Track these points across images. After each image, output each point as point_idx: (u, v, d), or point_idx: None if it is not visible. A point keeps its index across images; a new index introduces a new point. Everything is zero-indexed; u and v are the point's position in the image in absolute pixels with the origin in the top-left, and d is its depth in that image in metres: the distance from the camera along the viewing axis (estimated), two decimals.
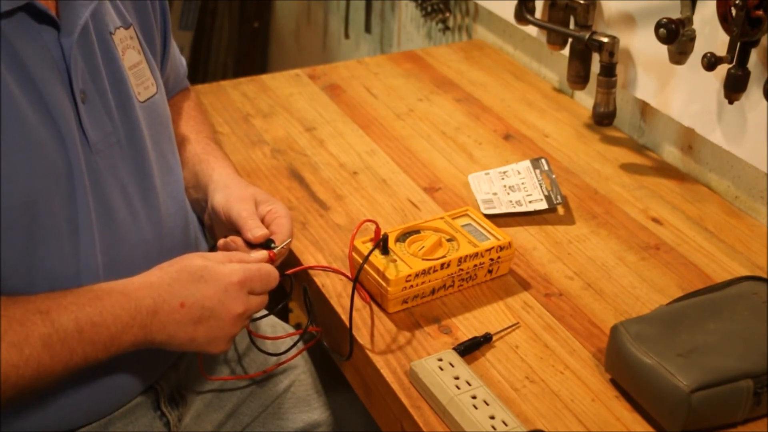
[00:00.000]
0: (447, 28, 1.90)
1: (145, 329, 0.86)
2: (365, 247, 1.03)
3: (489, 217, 1.16)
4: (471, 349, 0.96)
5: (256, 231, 0.98)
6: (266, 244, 0.98)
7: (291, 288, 1.03)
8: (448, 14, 1.89)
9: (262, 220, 1.01)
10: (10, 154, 0.81)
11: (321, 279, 1.07)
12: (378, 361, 0.95)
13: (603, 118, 1.36)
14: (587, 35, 1.33)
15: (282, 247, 0.98)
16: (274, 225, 1.00)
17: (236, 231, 1.00)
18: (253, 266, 0.92)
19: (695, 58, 1.17)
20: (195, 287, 0.88)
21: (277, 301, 1.03)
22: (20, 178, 0.82)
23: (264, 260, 0.96)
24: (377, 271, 1.01)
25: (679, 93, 1.28)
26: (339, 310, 1.02)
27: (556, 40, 1.45)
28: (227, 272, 0.90)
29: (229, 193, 1.03)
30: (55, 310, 0.82)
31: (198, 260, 0.91)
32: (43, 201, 0.85)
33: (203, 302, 0.88)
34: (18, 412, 0.89)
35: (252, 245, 0.98)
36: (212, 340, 0.91)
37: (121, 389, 0.98)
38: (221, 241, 1.00)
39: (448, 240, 1.06)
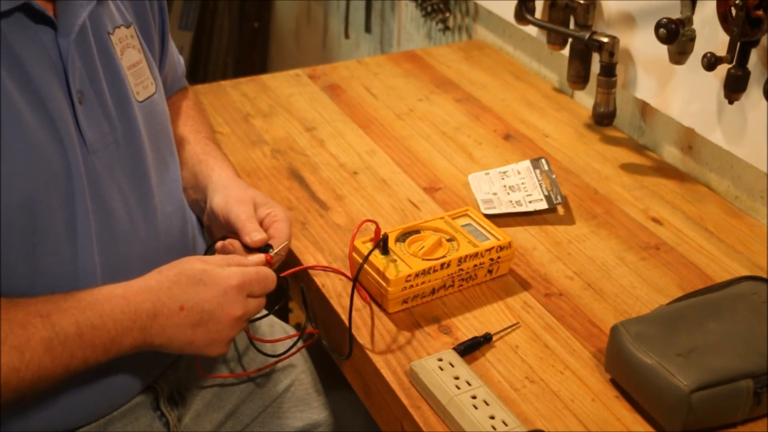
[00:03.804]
0: (447, 28, 1.90)
1: (145, 332, 0.87)
2: (365, 247, 1.03)
3: (489, 217, 1.16)
4: (471, 349, 0.96)
5: (254, 235, 0.98)
6: (264, 248, 0.98)
7: (287, 288, 1.03)
8: (448, 14, 1.89)
9: (261, 223, 1.01)
10: (8, 155, 0.81)
11: (321, 279, 1.07)
12: (378, 361, 0.95)
13: (603, 118, 1.36)
14: (587, 35, 1.33)
15: (279, 251, 0.98)
16: (272, 229, 1.00)
17: (234, 233, 1.00)
18: (251, 269, 0.92)
19: (695, 58, 1.17)
20: (194, 291, 0.89)
21: (277, 301, 1.03)
22: (18, 179, 0.82)
23: (261, 263, 0.96)
24: (377, 271, 1.01)
25: (679, 93, 1.28)
26: (339, 310, 1.02)
27: (556, 40, 1.45)
28: (226, 275, 0.90)
29: (228, 195, 1.03)
30: (56, 313, 0.82)
31: (197, 264, 0.91)
32: (42, 201, 0.85)
33: (202, 305, 0.88)
34: (18, 412, 0.89)
35: (250, 249, 0.98)
36: (211, 343, 0.91)
37: (120, 389, 0.98)
38: (219, 244, 1.00)
39: (448, 240, 1.06)
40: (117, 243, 0.93)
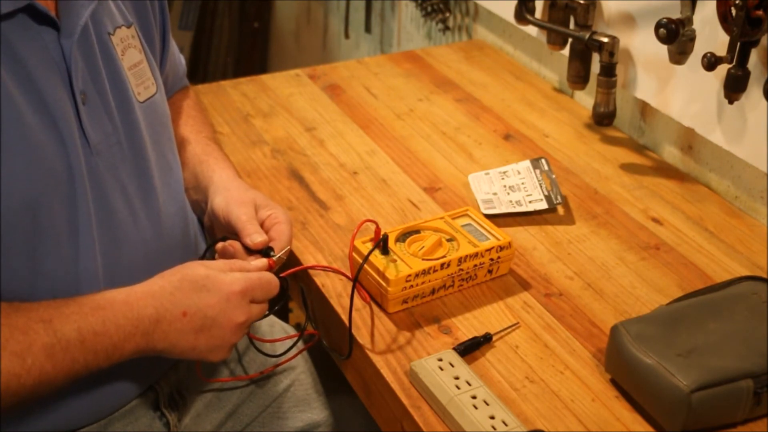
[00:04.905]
0: (447, 28, 1.90)
1: (147, 338, 0.86)
2: (365, 247, 1.03)
3: (489, 217, 1.16)
4: (471, 349, 0.96)
5: (255, 237, 0.97)
6: (265, 251, 0.98)
7: (287, 288, 1.03)
8: (448, 14, 1.89)
9: (262, 225, 1.00)
10: (10, 156, 0.81)
11: (321, 279, 1.07)
12: (378, 361, 0.95)
13: (603, 118, 1.36)
14: (587, 35, 1.33)
15: (281, 256, 0.98)
16: (273, 231, 1.00)
17: (235, 234, 1.00)
18: (254, 275, 0.92)
19: (695, 58, 1.17)
20: (197, 296, 0.88)
21: (277, 301, 1.03)
22: (20, 180, 0.82)
23: (264, 268, 0.95)
24: (377, 271, 1.01)
25: (679, 93, 1.28)
26: (339, 310, 1.02)
27: (556, 40, 1.45)
28: (229, 281, 0.90)
29: (229, 196, 1.03)
30: (58, 319, 0.82)
31: (200, 269, 0.91)
32: (44, 203, 0.85)
33: (205, 311, 0.88)
34: (18, 413, 0.89)
35: (250, 251, 0.98)
36: (213, 348, 0.91)
37: (120, 390, 0.98)
38: (219, 246, 1.00)
39: (448, 240, 1.06)
40: (119, 244, 0.93)
